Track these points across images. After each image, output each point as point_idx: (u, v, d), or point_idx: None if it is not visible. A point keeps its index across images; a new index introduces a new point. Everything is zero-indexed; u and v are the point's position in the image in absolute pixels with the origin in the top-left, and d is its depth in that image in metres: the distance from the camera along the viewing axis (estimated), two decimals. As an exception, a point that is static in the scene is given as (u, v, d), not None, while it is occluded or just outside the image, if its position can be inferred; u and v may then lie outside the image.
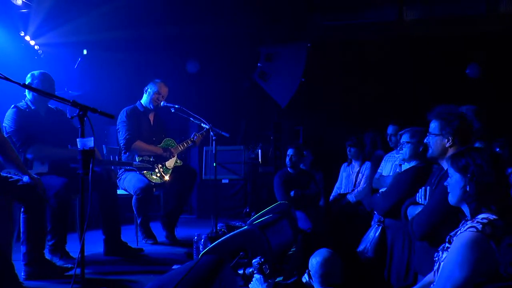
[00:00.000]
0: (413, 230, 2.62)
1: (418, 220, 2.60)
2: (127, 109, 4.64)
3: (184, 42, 7.60)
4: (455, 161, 2.10)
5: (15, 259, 3.08)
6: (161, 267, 3.63)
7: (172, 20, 7.01)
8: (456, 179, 2.09)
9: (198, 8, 6.80)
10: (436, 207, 2.54)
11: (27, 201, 3.15)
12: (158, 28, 7.07)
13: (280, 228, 3.45)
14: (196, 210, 7.12)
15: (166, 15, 6.90)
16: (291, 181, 5.29)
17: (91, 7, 6.41)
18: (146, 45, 7.49)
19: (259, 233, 3.05)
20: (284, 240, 3.46)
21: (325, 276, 2.71)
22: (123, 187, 4.52)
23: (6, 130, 3.54)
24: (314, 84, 7.64)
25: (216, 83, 7.87)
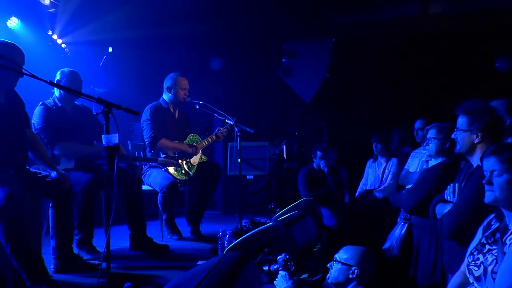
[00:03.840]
0: (442, 229, 2.55)
1: (448, 219, 2.52)
2: (151, 106, 4.64)
3: (209, 39, 7.61)
4: (504, 157, 1.96)
5: (45, 252, 3.14)
6: (186, 262, 3.64)
7: (196, 17, 7.02)
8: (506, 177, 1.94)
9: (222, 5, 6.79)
10: (466, 205, 2.46)
11: (55, 196, 3.23)
12: (183, 26, 7.10)
13: (305, 225, 3.42)
14: (221, 206, 7.14)
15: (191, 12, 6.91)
16: (315, 178, 5.25)
17: (116, 6, 6.47)
18: (171, 42, 7.53)
19: (283, 230, 3.03)
20: (309, 237, 3.42)
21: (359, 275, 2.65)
22: (148, 183, 4.55)
23: (34, 127, 3.63)
24: (338, 79, 7.57)
25: (241, 79, 7.87)
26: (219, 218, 6.63)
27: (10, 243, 2.68)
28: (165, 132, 4.60)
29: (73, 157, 3.76)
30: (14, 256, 2.70)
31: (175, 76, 4.70)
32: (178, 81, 4.67)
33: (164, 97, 4.75)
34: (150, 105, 4.65)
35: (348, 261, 2.64)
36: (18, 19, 6.11)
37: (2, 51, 2.76)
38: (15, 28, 6.11)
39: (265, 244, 3.00)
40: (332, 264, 2.71)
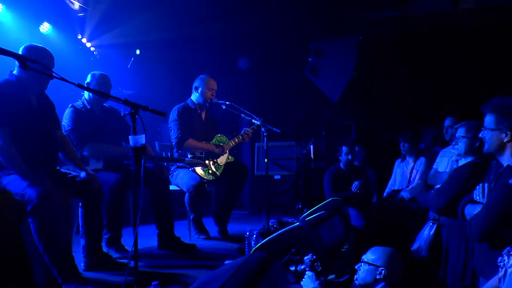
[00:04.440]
0: (471, 230, 2.47)
1: (477, 220, 2.45)
2: (178, 107, 4.68)
3: (235, 39, 7.63)
4: None
5: (76, 250, 3.21)
6: (213, 262, 3.66)
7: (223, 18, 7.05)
8: None
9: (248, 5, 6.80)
10: (495, 206, 2.38)
11: (84, 196, 3.29)
12: (209, 26, 7.14)
13: (332, 225, 3.40)
14: (248, 206, 7.15)
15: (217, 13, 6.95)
16: (341, 178, 5.20)
17: (143, 9, 6.57)
18: (197, 43, 7.58)
19: (311, 230, 3.01)
20: (336, 237, 3.40)
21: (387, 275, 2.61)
22: (175, 183, 4.59)
23: (64, 129, 3.71)
24: (366, 78, 7.47)
25: (267, 79, 7.86)
26: (246, 218, 6.63)
27: (43, 241, 2.74)
28: (192, 132, 4.63)
29: (102, 157, 3.83)
30: (46, 254, 2.77)
31: (204, 77, 4.75)
32: (206, 81, 4.71)
33: (192, 98, 4.79)
34: (177, 106, 4.69)
35: (375, 261, 2.61)
36: (50, 24, 6.29)
37: (34, 55, 2.83)
38: (47, 33, 6.28)
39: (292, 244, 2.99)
40: (359, 266, 2.68)
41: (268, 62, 7.84)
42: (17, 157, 2.84)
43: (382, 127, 7.14)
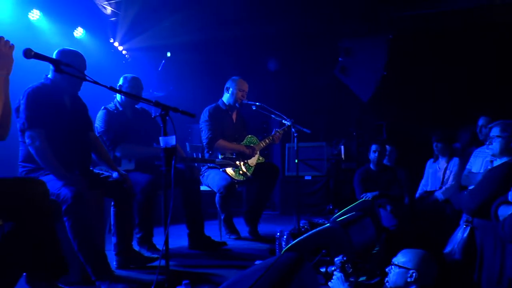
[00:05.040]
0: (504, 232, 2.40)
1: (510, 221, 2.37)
2: (209, 108, 4.71)
3: (265, 40, 7.63)
4: None
5: (108, 249, 3.29)
6: (244, 262, 3.67)
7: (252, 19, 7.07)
8: None
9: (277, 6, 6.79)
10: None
11: (116, 196, 3.36)
12: (239, 28, 7.17)
13: (363, 226, 3.35)
14: (279, 207, 7.15)
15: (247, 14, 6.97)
16: (371, 179, 5.13)
17: (173, 12, 6.65)
18: (227, 44, 7.62)
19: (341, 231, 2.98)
20: (367, 239, 3.35)
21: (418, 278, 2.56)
22: (206, 183, 4.62)
23: (97, 130, 3.80)
24: (396, 77, 7.35)
25: (297, 79, 7.83)
26: (277, 218, 6.63)
27: (77, 239, 2.81)
28: (223, 133, 4.65)
29: (133, 158, 3.91)
30: (80, 252, 2.83)
31: (236, 78, 4.78)
32: (238, 82, 4.74)
33: (223, 99, 4.82)
34: (208, 107, 4.73)
35: (406, 264, 2.56)
36: (83, 29, 6.45)
37: (67, 59, 2.91)
38: (80, 38, 6.45)
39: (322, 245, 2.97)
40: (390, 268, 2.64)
41: (298, 63, 7.81)
42: (53, 158, 2.91)
43: (414, 127, 6.99)
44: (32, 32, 5.65)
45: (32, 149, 2.91)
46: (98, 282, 2.85)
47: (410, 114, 7.18)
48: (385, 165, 5.40)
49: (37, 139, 2.90)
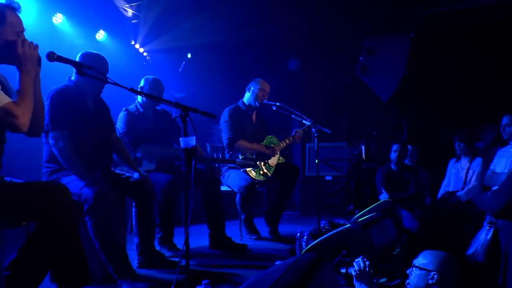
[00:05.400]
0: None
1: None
2: (229, 108, 4.74)
3: (285, 41, 7.62)
4: None
5: (129, 248, 3.31)
6: (264, 262, 3.68)
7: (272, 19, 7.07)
8: None
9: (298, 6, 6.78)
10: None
11: (137, 196, 3.40)
12: (259, 28, 7.17)
13: (383, 227, 3.32)
14: (299, 207, 7.13)
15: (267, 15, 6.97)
16: (392, 179, 5.08)
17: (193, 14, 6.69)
18: (248, 45, 7.63)
19: (362, 232, 2.96)
20: (388, 240, 3.31)
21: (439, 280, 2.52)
22: (227, 184, 4.63)
23: (119, 131, 3.85)
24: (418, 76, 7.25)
25: (317, 79, 7.80)
26: (298, 219, 6.62)
27: (99, 238, 2.85)
28: (243, 133, 4.66)
29: (154, 159, 3.95)
30: (102, 251, 2.87)
31: (259, 79, 4.81)
32: (260, 83, 4.76)
33: (244, 99, 4.84)
34: (228, 107, 4.75)
35: (426, 266, 2.52)
36: (105, 32, 6.54)
37: (89, 61, 2.97)
38: (102, 40, 6.54)
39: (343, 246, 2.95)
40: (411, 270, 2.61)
41: (319, 62, 7.78)
42: (75, 159, 2.97)
43: (435, 127, 6.90)
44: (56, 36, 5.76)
45: (55, 150, 2.97)
46: (120, 280, 2.90)
47: (431, 114, 7.09)
48: (406, 165, 5.34)
49: (60, 140, 2.96)
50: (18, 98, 2.19)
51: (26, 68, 2.24)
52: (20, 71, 2.25)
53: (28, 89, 2.23)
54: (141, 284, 2.87)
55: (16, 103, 2.17)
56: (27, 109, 2.19)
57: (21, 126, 2.17)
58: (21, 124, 2.17)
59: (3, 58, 2.28)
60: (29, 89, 2.23)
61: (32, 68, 2.26)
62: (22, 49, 2.23)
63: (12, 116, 2.13)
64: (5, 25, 2.25)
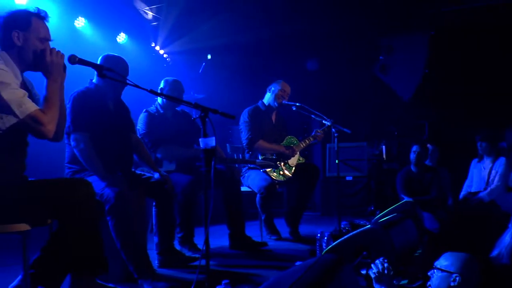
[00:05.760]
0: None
1: None
2: (248, 109, 4.75)
3: (304, 40, 7.60)
4: None
5: (150, 248, 3.33)
6: (284, 263, 3.67)
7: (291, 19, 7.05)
8: None
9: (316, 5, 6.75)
10: None
11: (158, 196, 3.44)
12: (278, 29, 7.16)
13: (404, 228, 3.28)
14: (320, 207, 7.10)
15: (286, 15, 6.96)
16: (413, 181, 5.02)
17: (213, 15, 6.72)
18: (267, 46, 7.63)
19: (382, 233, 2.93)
20: (409, 241, 3.27)
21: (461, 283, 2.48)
22: (247, 184, 4.64)
23: (139, 132, 3.90)
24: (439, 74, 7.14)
25: (337, 79, 7.75)
26: (318, 219, 6.60)
27: (119, 238, 2.89)
28: (263, 134, 4.67)
29: (174, 159, 3.99)
30: (123, 250, 2.91)
31: (280, 80, 4.82)
32: (281, 84, 4.77)
33: (264, 100, 4.85)
34: (248, 108, 4.76)
35: (448, 268, 2.48)
36: (126, 34, 6.63)
37: (110, 64, 3.03)
38: (123, 43, 6.63)
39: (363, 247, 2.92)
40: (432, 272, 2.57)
41: (338, 62, 7.73)
42: (96, 160, 3.01)
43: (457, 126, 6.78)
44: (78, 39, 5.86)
45: (77, 151, 3.02)
46: (140, 280, 2.92)
47: (453, 113, 6.96)
48: (427, 165, 5.28)
49: (81, 141, 3.00)
50: (44, 106, 2.25)
51: (54, 76, 2.30)
52: (47, 78, 2.31)
53: (55, 97, 2.29)
54: (161, 283, 2.88)
55: (43, 111, 2.22)
56: (53, 116, 2.25)
57: (47, 133, 2.22)
58: (48, 131, 2.22)
59: (30, 65, 2.34)
60: (55, 97, 2.29)
61: (59, 76, 2.32)
62: (50, 57, 2.29)
63: (39, 124, 2.18)
64: (30, 31, 2.30)
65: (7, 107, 2.12)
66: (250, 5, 6.62)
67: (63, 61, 2.35)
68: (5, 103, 2.12)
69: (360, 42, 7.41)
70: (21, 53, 2.31)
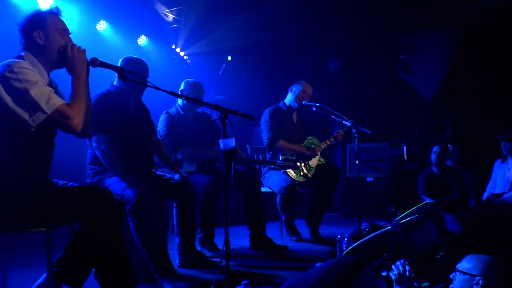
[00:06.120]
0: None
1: None
2: (269, 109, 4.76)
3: (325, 41, 7.57)
4: None
5: (171, 248, 3.36)
6: (304, 264, 3.66)
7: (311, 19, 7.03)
8: None
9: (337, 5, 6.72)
10: None
11: (178, 197, 3.46)
12: (299, 29, 7.16)
13: (425, 230, 3.24)
14: (340, 208, 7.07)
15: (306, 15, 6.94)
16: (434, 182, 4.95)
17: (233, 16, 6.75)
18: (287, 46, 7.62)
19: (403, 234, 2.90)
20: (430, 243, 3.23)
21: (484, 286, 2.44)
22: (267, 185, 4.64)
23: (159, 134, 3.94)
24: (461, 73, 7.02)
25: (358, 79, 7.70)
26: (339, 220, 6.56)
27: (140, 238, 2.92)
28: (283, 134, 4.67)
29: (195, 160, 4.02)
30: (143, 250, 2.94)
31: (302, 81, 4.82)
32: (303, 85, 4.77)
33: (285, 100, 4.85)
34: (268, 108, 4.78)
35: (470, 270, 2.44)
36: (147, 37, 6.70)
37: (130, 66, 3.08)
38: (143, 45, 6.71)
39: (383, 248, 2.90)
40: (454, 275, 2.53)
41: (359, 62, 7.68)
42: (117, 161, 3.05)
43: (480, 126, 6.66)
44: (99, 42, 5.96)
45: (98, 153, 3.06)
46: (161, 279, 2.96)
47: (476, 112, 6.84)
48: (448, 166, 5.19)
49: (103, 143, 3.05)
50: (70, 100, 2.30)
51: (77, 71, 2.35)
52: (71, 74, 2.36)
53: (80, 91, 2.34)
54: (182, 283, 2.91)
55: (69, 105, 2.27)
56: (79, 110, 2.29)
57: (75, 126, 2.27)
58: (75, 125, 2.27)
59: (55, 62, 2.40)
60: (80, 91, 2.34)
61: (82, 71, 2.37)
62: (72, 52, 2.34)
63: (66, 117, 2.23)
64: (48, 28, 2.36)
65: (36, 105, 2.17)
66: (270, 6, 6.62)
67: (84, 56, 2.40)
68: (33, 101, 2.17)
69: (381, 41, 7.34)
70: (45, 51, 2.36)
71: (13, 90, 2.17)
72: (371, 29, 7.14)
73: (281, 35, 7.26)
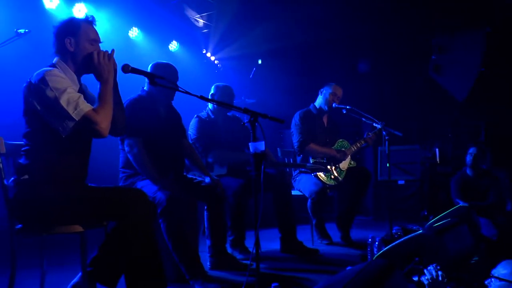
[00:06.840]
0: None
1: None
2: (300, 112, 4.76)
3: (355, 42, 7.51)
4: None
5: (202, 250, 3.42)
6: (335, 267, 3.65)
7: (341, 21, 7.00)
8: None
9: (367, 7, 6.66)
10: None
11: (209, 200, 3.50)
12: (328, 31, 7.13)
13: (459, 234, 3.17)
14: (371, 212, 6.99)
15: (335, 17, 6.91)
16: (469, 186, 4.83)
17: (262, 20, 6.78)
18: (317, 49, 7.60)
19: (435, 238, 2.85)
20: (464, 248, 3.16)
21: None
22: (298, 188, 4.64)
23: (190, 138, 4.00)
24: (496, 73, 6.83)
25: (388, 80, 7.60)
26: (369, 224, 6.49)
27: (172, 240, 2.97)
28: (314, 137, 4.66)
29: (225, 164, 4.06)
30: (174, 252, 2.99)
31: (332, 83, 4.81)
32: (333, 87, 4.76)
33: (315, 103, 4.84)
34: (299, 111, 4.78)
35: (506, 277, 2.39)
36: (177, 42, 6.81)
37: (160, 71, 3.15)
38: (175, 50, 6.82)
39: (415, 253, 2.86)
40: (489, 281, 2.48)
41: (389, 63, 7.58)
42: (149, 164, 3.11)
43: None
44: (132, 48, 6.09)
45: (130, 156, 3.14)
46: (192, 281, 3.00)
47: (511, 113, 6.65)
48: (484, 169, 5.05)
49: (134, 146, 3.12)
50: (97, 106, 2.37)
51: (104, 78, 2.42)
52: (99, 81, 2.44)
53: (107, 97, 2.41)
54: (212, 284, 2.94)
55: (96, 110, 2.34)
56: (106, 115, 2.36)
57: (102, 131, 2.34)
58: (102, 129, 2.33)
59: (84, 68, 2.48)
60: (108, 96, 2.41)
61: (109, 77, 2.44)
62: (97, 59, 2.41)
63: (93, 123, 2.30)
64: (80, 36, 2.44)
65: (65, 112, 2.25)
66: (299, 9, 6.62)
67: (111, 62, 2.46)
68: (63, 109, 2.25)
69: (411, 42, 7.23)
70: (74, 58, 2.45)
71: (45, 99, 2.26)
72: (401, 29, 7.05)
73: (311, 38, 7.25)
